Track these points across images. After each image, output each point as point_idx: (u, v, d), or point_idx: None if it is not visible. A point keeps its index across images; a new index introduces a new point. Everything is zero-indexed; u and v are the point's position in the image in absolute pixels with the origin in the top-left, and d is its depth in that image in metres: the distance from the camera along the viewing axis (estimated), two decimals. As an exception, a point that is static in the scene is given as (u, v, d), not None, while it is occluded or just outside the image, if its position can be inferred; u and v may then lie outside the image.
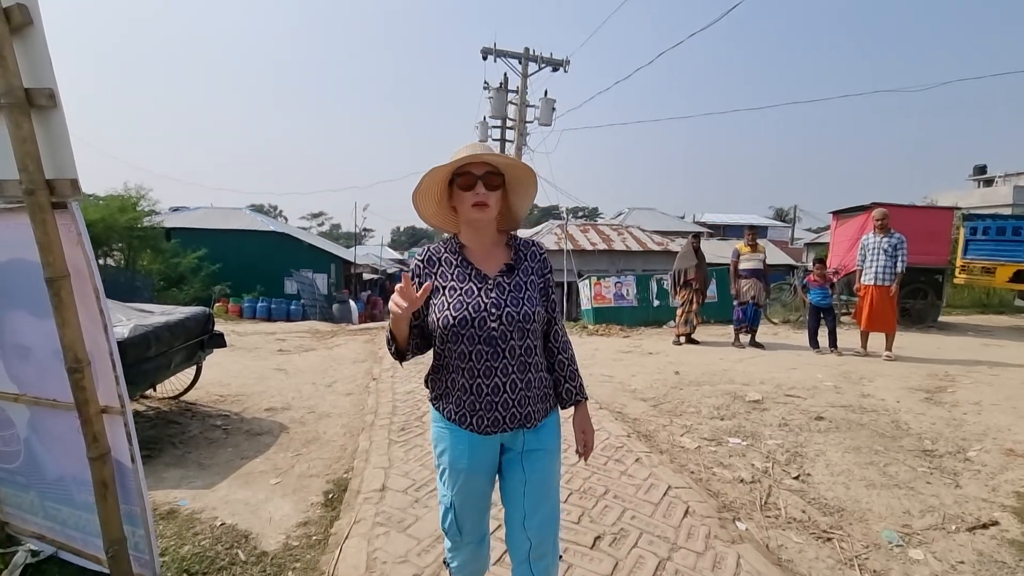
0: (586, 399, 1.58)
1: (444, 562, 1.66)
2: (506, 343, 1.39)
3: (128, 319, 3.46)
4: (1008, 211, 18.43)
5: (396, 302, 1.29)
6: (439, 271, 1.47)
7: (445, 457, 1.49)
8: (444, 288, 1.44)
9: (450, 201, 1.49)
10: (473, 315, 1.38)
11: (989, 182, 28.49)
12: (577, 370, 1.59)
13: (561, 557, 1.76)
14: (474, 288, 1.42)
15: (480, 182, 1.40)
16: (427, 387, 1.57)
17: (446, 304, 1.41)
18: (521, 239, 1.57)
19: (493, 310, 1.39)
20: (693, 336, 7.63)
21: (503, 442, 1.48)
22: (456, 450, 1.46)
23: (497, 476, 1.54)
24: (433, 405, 1.54)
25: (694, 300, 7.53)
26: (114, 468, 1.81)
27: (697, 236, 7.94)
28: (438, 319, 1.41)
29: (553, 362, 1.56)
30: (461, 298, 1.40)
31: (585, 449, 1.58)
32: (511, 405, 1.41)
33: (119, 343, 3.13)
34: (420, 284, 1.45)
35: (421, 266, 1.49)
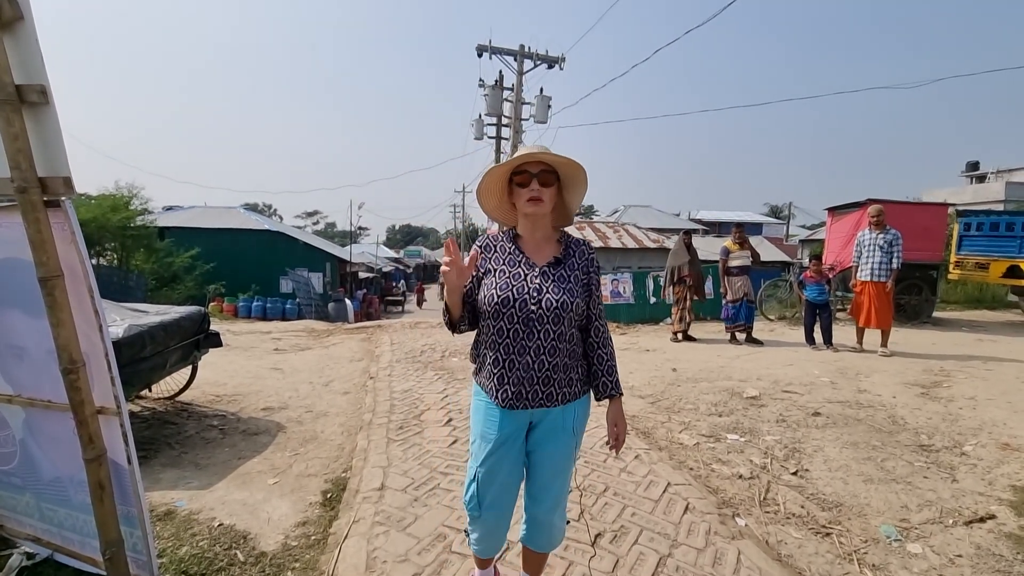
0: (621, 394, 1.67)
1: (465, 531, 1.80)
2: (541, 326, 1.52)
3: (122, 319, 3.43)
4: (1000, 207, 18.57)
5: (444, 262, 1.46)
6: (493, 256, 1.64)
7: (479, 428, 1.65)
8: (495, 270, 1.60)
9: (510, 197, 1.64)
10: (516, 296, 1.53)
11: (982, 178, 28.72)
12: (615, 366, 1.68)
13: (569, 522, 1.86)
14: (522, 273, 1.58)
15: (535, 179, 1.54)
16: (471, 361, 1.71)
17: (494, 283, 1.56)
18: (573, 238, 1.69)
19: (535, 294, 1.53)
20: (689, 333, 7.65)
21: (532, 420, 1.62)
22: (488, 423, 1.61)
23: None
24: (474, 378, 1.69)
25: (688, 297, 7.56)
26: (110, 469, 1.79)
27: (688, 233, 7.94)
28: (485, 296, 1.56)
29: (593, 356, 1.66)
30: (509, 280, 1.56)
31: (616, 442, 1.66)
32: (535, 382, 1.54)
33: (113, 343, 3.11)
34: (477, 268, 1.62)
35: (479, 251, 1.65)
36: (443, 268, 1.46)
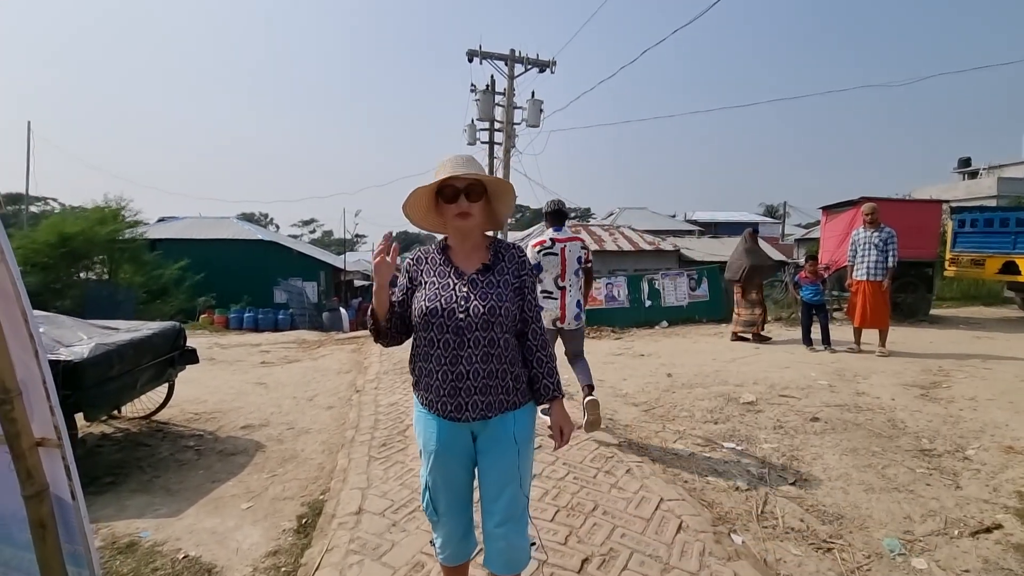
0: (562, 395, 1.66)
1: (431, 542, 1.74)
2: (471, 334, 1.50)
3: (89, 337, 3.29)
4: (993, 202, 18.56)
5: (378, 251, 1.52)
6: (425, 268, 1.63)
7: (420, 439, 1.63)
8: (426, 282, 1.58)
9: (437, 208, 1.61)
10: (444, 306, 1.52)
11: (974, 174, 28.76)
12: (554, 368, 1.65)
13: (534, 544, 1.74)
14: (450, 283, 1.56)
15: (462, 195, 1.52)
16: (411, 374, 1.67)
17: (424, 295, 1.55)
18: (503, 242, 1.67)
19: (462, 303, 1.52)
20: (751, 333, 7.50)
21: (473, 431, 1.57)
22: (427, 433, 1.59)
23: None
24: (414, 391, 1.66)
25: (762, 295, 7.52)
26: (54, 505, 1.65)
27: (756, 230, 7.85)
28: (416, 308, 1.56)
29: (532, 359, 1.63)
30: (437, 291, 1.55)
31: (561, 441, 1.65)
32: (473, 392, 1.51)
33: (79, 363, 2.96)
34: (410, 280, 1.63)
35: (411, 264, 1.67)
36: (376, 261, 1.50)
